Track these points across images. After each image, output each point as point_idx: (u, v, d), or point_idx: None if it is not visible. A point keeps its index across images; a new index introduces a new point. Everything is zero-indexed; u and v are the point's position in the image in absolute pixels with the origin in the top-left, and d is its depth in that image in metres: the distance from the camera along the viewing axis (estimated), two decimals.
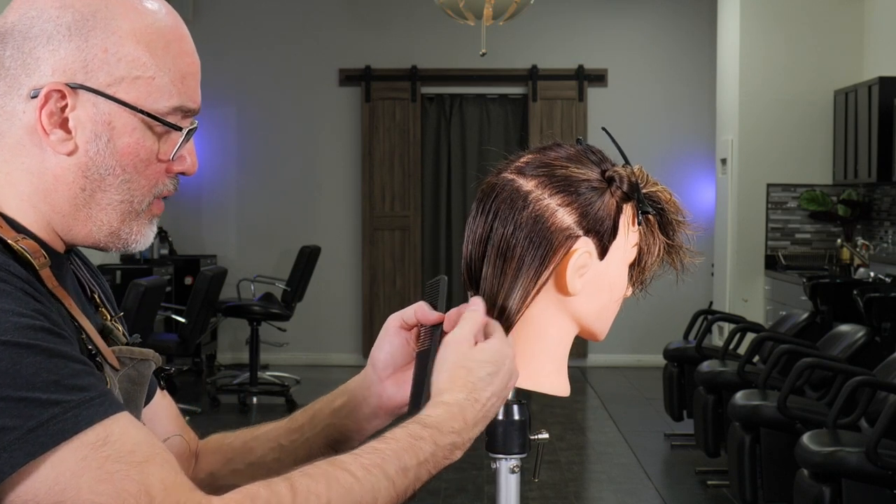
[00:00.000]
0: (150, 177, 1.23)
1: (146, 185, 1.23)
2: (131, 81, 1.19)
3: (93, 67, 1.18)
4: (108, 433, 1.06)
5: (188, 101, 1.23)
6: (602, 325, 1.33)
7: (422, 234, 10.06)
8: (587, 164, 1.29)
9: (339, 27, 9.95)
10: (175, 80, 1.22)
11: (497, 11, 6.42)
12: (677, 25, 9.92)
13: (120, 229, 1.23)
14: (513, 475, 1.30)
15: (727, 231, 8.63)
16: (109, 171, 1.20)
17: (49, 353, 1.06)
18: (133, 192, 1.22)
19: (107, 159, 1.20)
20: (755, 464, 4.87)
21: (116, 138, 1.20)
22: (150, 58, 1.20)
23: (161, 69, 1.21)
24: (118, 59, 1.19)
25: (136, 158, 1.21)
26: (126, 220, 1.23)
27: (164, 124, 1.21)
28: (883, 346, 5.77)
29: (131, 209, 1.23)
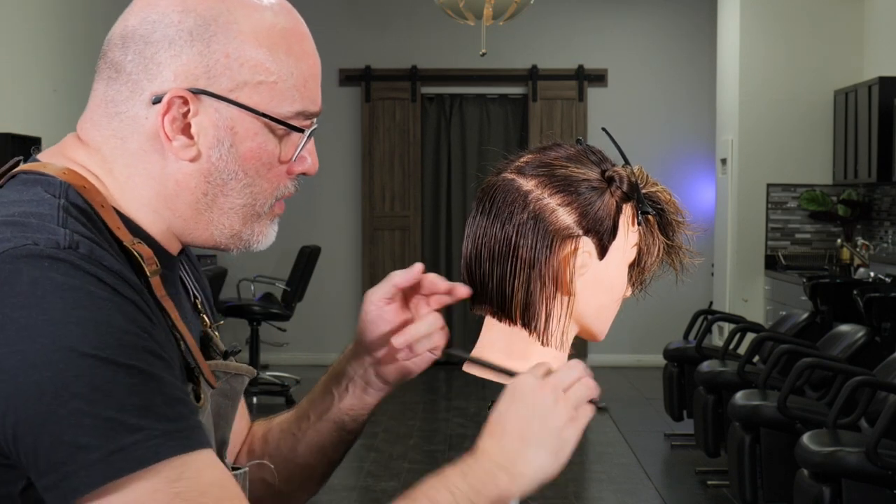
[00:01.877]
0: (273, 180, 1.22)
1: (268, 189, 1.22)
2: (254, 86, 1.18)
3: (215, 73, 1.17)
4: (185, 468, 1.03)
5: (310, 105, 1.23)
6: (601, 325, 1.33)
7: (422, 234, 10.06)
8: (587, 164, 1.29)
9: (339, 27, 9.95)
10: (298, 84, 1.21)
11: (497, 11, 6.43)
12: (677, 25, 9.93)
13: (241, 231, 1.23)
14: None
15: (727, 231, 8.63)
16: (232, 176, 1.19)
17: (147, 377, 1.04)
18: (256, 195, 1.21)
19: (229, 164, 1.19)
20: (755, 464, 4.87)
21: (239, 143, 1.19)
22: (272, 62, 1.19)
23: (284, 73, 1.20)
24: (241, 64, 1.17)
25: (259, 162, 1.20)
26: (248, 222, 1.22)
27: (288, 128, 1.20)
28: (883, 346, 5.77)
29: (253, 212, 1.22)
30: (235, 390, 1.25)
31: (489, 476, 1.18)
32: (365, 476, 6.12)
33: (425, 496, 1.15)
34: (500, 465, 1.18)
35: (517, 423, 1.19)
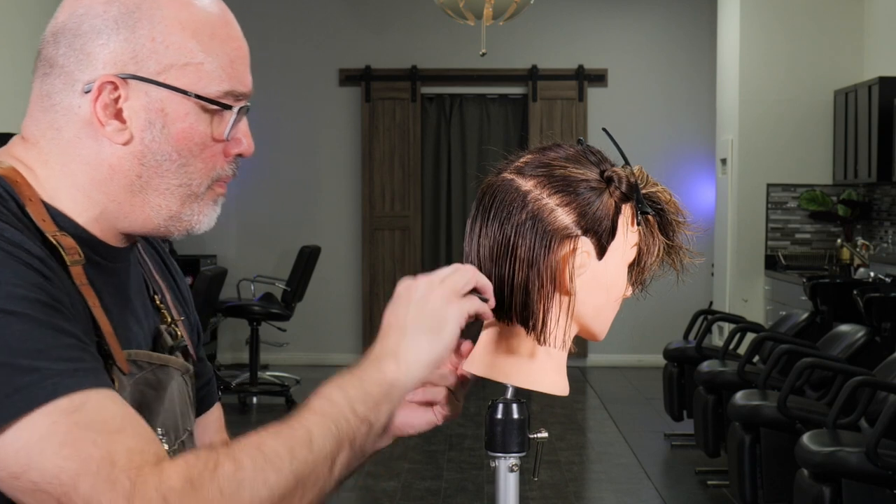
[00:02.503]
0: (207, 160, 1.25)
1: (203, 169, 1.25)
2: (181, 68, 1.23)
3: (142, 57, 1.22)
4: (85, 402, 1.07)
5: (238, 85, 1.26)
6: (601, 324, 1.33)
7: (422, 234, 10.06)
8: (586, 164, 1.29)
9: (339, 27, 9.95)
10: (224, 65, 1.25)
11: (497, 11, 6.43)
12: (677, 25, 9.93)
13: (180, 213, 1.26)
14: (512, 474, 1.30)
15: (727, 231, 8.63)
16: (165, 157, 1.23)
17: (38, 324, 1.08)
18: (191, 175, 1.25)
19: (162, 145, 1.23)
20: (755, 464, 4.87)
21: (170, 124, 1.23)
22: (197, 44, 1.23)
23: (209, 55, 1.24)
24: (166, 47, 1.22)
25: (191, 143, 1.24)
26: (186, 203, 1.26)
27: (215, 104, 1.23)
28: (883, 346, 5.77)
29: (190, 192, 1.25)
30: (162, 382, 1.27)
31: (376, 367, 1.22)
32: (365, 476, 6.12)
33: (321, 395, 1.19)
34: (385, 355, 1.23)
35: (396, 316, 1.25)
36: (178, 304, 1.41)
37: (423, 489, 5.90)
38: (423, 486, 5.97)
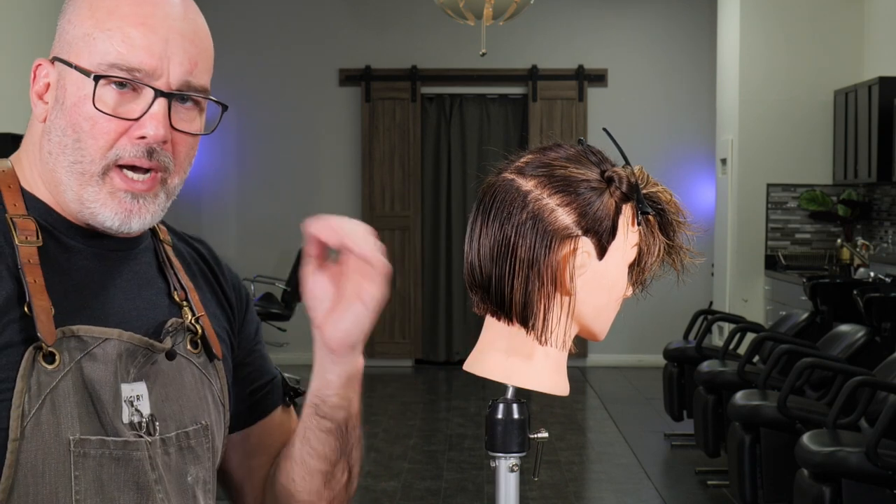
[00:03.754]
0: (98, 136, 1.26)
1: (94, 146, 1.26)
2: (78, 44, 1.27)
3: (63, 39, 1.29)
4: None
5: (131, 60, 1.26)
6: (601, 324, 1.33)
7: (422, 234, 10.06)
8: (587, 164, 1.29)
9: (339, 27, 9.95)
10: (115, 40, 1.26)
11: (497, 11, 6.43)
12: (677, 25, 9.93)
13: (81, 195, 1.27)
14: (512, 474, 1.30)
15: (727, 231, 8.63)
16: (63, 132, 1.27)
17: None
18: (83, 151, 1.26)
19: (60, 120, 1.27)
20: (755, 464, 4.87)
21: (66, 98, 1.27)
22: (94, 21, 1.26)
23: (103, 30, 1.26)
24: (73, 27, 1.28)
25: (80, 116, 1.25)
26: (83, 183, 1.27)
27: (82, 72, 1.25)
28: (883, 346, 5.77)
29: (83, 170, 1.26)
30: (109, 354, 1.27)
31: None
32: (365, 476, 6.12)
33: None
34: None
35: None
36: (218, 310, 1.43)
37: (423, 489, 5.91)
38: (423, 486, 5.97)
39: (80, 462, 1.23)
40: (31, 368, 1.21)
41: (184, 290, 1.39)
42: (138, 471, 1.26)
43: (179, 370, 1.34)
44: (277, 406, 1.50)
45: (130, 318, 1.31)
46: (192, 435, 1.34)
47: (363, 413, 1.41)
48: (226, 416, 1.41)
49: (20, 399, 1.20)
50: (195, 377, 1.36)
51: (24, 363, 1.21)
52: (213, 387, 1.39)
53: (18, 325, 1.22)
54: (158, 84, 1.26)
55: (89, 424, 1.24)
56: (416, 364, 10.08)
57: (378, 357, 9.99)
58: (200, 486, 1.36)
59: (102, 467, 1.24)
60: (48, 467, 1.21)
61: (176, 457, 1.32)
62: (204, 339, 1.38)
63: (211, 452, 1.37)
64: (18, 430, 1.20)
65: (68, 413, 1.23)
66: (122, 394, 1.27)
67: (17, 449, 1.20)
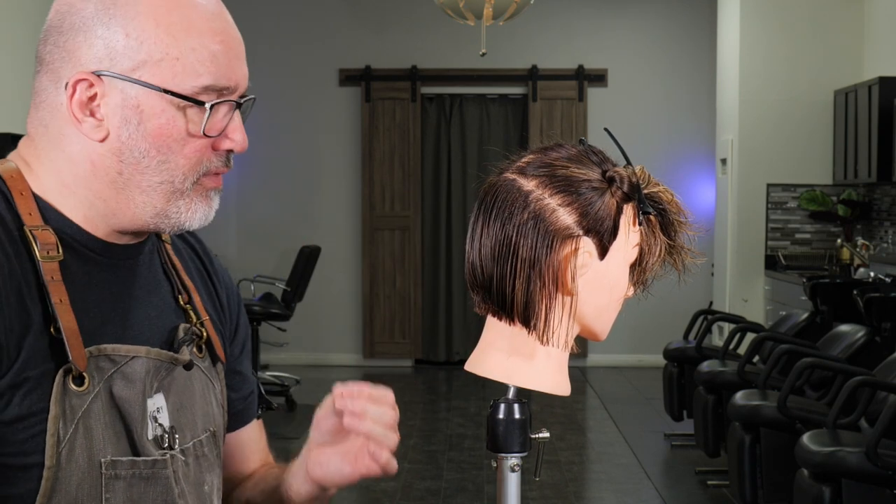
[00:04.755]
0: (189, 156, 1.24)
1: (186, 165, 1.24)
2: (155, 64, 1.21)
3: (116, 53, 1.21)
4: None
5: (221, 79, 1.24)
6: (602, 325, 1.33)
7: (422, 234, 10.06)
8: (588, 164, 1.29)
9: (339, 27, 9.95)
10: (202, 59, 1.23)
11: (497, 11, 6.43)
12: (677, 25, 9.93)
13: (166, 210, 1.25)
14: (513, 474, 1.30)
15: (727, 231, 8.63)
16: (144, 154, 1.23)
17: None
18: (173, 171, 1.24)
19: (139, 142, 1.22)
20: (755, 464, 4.87)
21: (146, 121, 1.22)
22: (171, 38, 1.22)
23: (185, 49, 1.22)
24: (140, 43, 1.21)
25: (169, 139, 1.23)
26: (171, 199, 1.25)
27: (188, 101, 1.22)
28: (883, 346, 5.77)
29: (174, 189, 1.24)
30: (137, 372, 1.26)
31: None
32: None
33: None
34: None
35: None
36: (211, 309, 1.41)
37: (423, 489, 5.90)
38: (423, 486, 5.97)
39: (111, 484, 1.21)
40: (62, 393, 1.19)
41: (187, 292, 1.38)
42: (166, 488, 1.26)
43: (190, 377, 1.34)
44: (253, 419, 1.49)
45: (146, 329, 1.29)
46: (205, 443, 1.34)
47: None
48: (225, 419, 1.41)
49: (55, 426, 1.18)
50: (202, 383, 1.36)
51: (55, 388, 1.18)
52: (215, 390, 1.39)
53: (49, 350, 1.19)
54: (234, 96, 1.27)
55: (118, 445, 1.23)
56: (416, 364, 10.08)
57: (378, 357, 10.00)
58: (216, 494, 1.36)
59: (132, 487, 1.23)
60: (81, 491, 1.20)
61: (194, 467, 1.32)
62: (209, 342, 1.38)
63: (219, 458, 1.37)
64: (54, 458, 1.18)
65: (100, 435, 1.21)
66: (147, 410, 1.27)
67: (53, 476, 1.18)
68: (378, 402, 1.32)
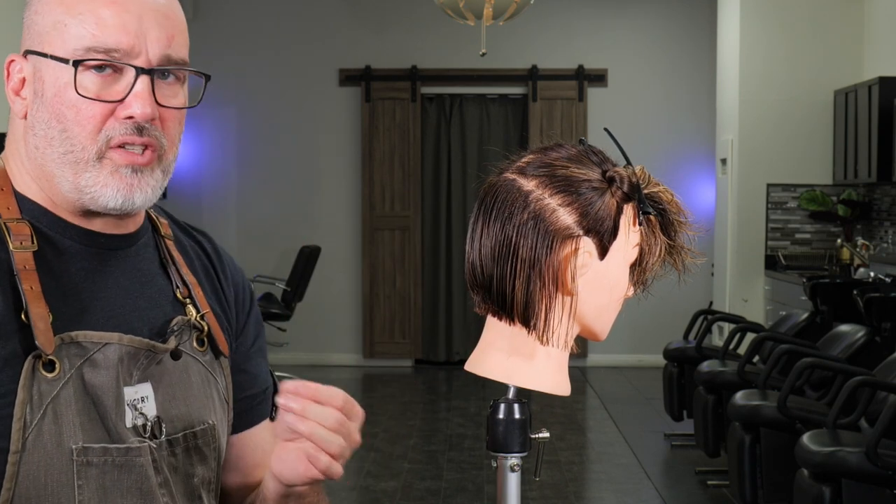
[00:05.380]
0: (84, 123, 1.24)
1: (82, 133, 1.24)
2: (49, 33, 1.25)
3: (32, 31, 1.26)
4: None
5: (106, 41, 1.23)
6: (602, 325, 1.33)
7: (422, 234, 10.06)
8: (588, 164, 1.29)
9: (339, 27, 9.95)
10: (87, 23, 1.23)
11: (497, 11, 6.43)
12: (677, 25, 9.93)
13: (78, 182, 1.25)
14: (513, 474, 1.30)
15: (727, 231, 8.63)
16: (47, 125, 1.24)
17: None
18: (72, 140, 1.24)
19: (42, 113, 1.25)
20: (755, 464, 4.87)
21: (46, 91, 1.24)
22: (64, 7, 1.24)
23: (74, 16, 1.24)
24: (42, 17, 1.25)
25: (62, 105, 1.23)
26: (78, 172, 1.25)
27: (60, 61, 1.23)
28: (883, 346, 5.77)
29: (77, 158, 1.24)
30: (109, 359, 1.25)
31: None
32: (365, 476, 6.12)
33: None
34: None
35: None
36: (216, 305, 1.40)
37: (423, 489, 5.90)
38: (423, 486, 5.97)
39: (83, 471, 1.21)
40: (31, 378, 1.19)
41: (187, 286, 1.37)
42: (141, 476, 1.25)
43: (186, 369, 1.33)
44: (261, 421, 1.46)
45: (132, 319, 1.29)
46: (199, 435, 1.33)
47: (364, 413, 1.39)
48: (229, 415, 1.40)
49: (21, 410, 1.19)
50: (202, 376, 1.35)
51: (24, 373, 1.19)
52: (218, 385, 1.38)
53: (18, 335, 1.20)
54: (138, 62, 1.24)
55: (92, 432, 1.22)
56: (416, 364, 10.08)
57: (378, 357, 9.99)
58: (206, 487, 1.35)
59: (105, 475, 1.23)
60: (50, 478, 1.20)
61: (183, 458, 1.31)
62: (210, 336, 1.37)
63: (216, 452, 1.36)
64: (20, 442, 1.19)
65: (70, 421, 1.21)
66: (124, 398, 1.26)
67: (18, 461, 1.19)
68: (325, 402, 1.27)
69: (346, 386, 8.29)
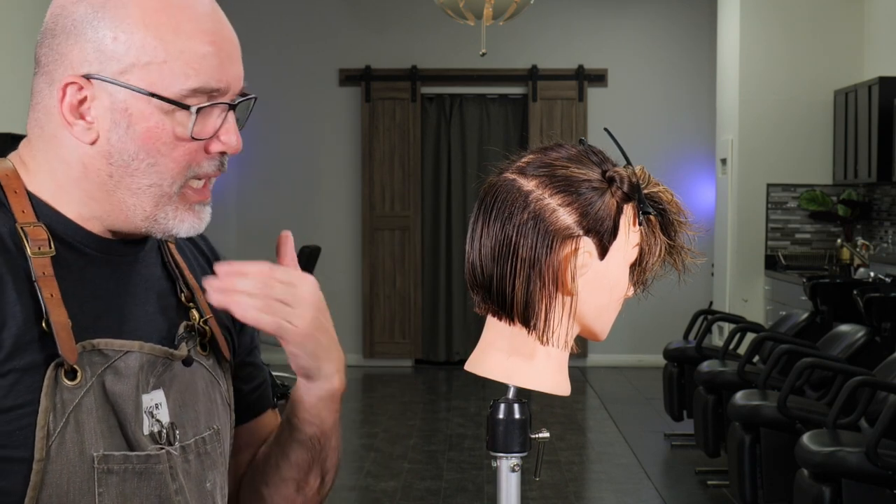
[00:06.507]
0: (179, 159, 1.24)
1: (175, 168, 1.24)
2: (143, 67, 1.22)
3: (105, 57, 1.22)
4: None
5: (210, 82, 1.24)
6: (602, 324, 1.33)
7: (422, 234, 10.06)
8: (588, 164, 1.29)
9: (339, 27, 9.96)
10: (190, 61, 1.23)
11: (497, 11, 6.43)
12: (677, 25, 9.93)
13: (155, 214, 1.26)
14: (513, 474, 1.30)
15: (727, 231, 8.63)
16: (133, 157, 1.23)
17: None
18: (162, 175, 1.24)
19: (128, 145, 1.23)
20: (755, 464, 4.87)
21: (135, 124, 1.22)
22: (159, 41, 1.22)
23: (172, 52, 1.22)
24: (128, 47, 1.21)
25: (158, 142, 1.23)
26: (160, 204, 1.25)
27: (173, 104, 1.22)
28: (883, 346, 5.77)
29: (162, 192, 1.25)
30: (131, 367, 1.25)
31: None
32: (365, 476, 6.12)
33: None
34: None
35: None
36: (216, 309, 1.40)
37: (423, 489, 5.90)
38: (423, 486, 5.97)
39: (103, 478, 1.21)
40: (53, 387, 1.19)
41: (190, 290, 1.38)
42: (160, 484, 1.25)
43: (192, 375, 1.34)
44: (268, 407, 1.50)
45: (144, 325, 1.29)
46: (208, 440, 1.34)
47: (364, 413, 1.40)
48: (232, 417, 1.41)
49: (45, 419, 1.18)
50: (206, 381, 1.36)
51: (46, 381, 1.19)
52: (221, 388, 1.38)
53: (38, 344, 1.19)
54: (227, 98, 1.27)
55: (111, 439, 1.23)
56: (416, 364, 10.08)
57: (378, 357, 10.00)
58: (218, 492, 1.36)
59: (125, 482, 1.23)
60: (72, 486, 1.20)
61: (195, 464, 1.31)
62: (213, 341, 1.37)
63: (223, 457, 1.37)
64: (44, 451, 1.18)
65: (91, 429, 1.21)
66: (143, 405, 1.26)
67: (42, 470, 1.18)
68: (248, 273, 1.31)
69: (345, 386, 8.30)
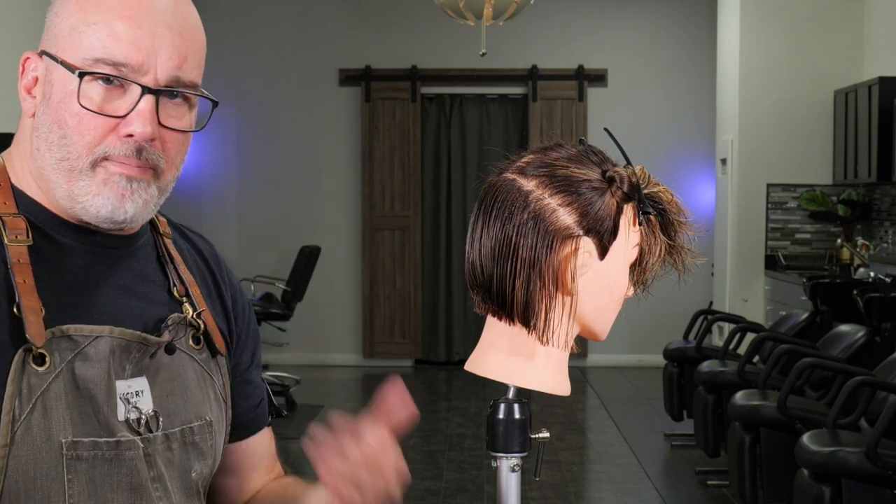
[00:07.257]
0: (83, 132, 1.23)
1: (80, 142, 1.23)
2: (64, 38, 1.24)
3: (50, 33, 1.26)
4: None
5: (115, 54, 1.22)
6: (602, 325, 1.33)
7: (422, 234, 10.06)
8: (588, 164, 1.29)
9: (339, 27, 9.95)
10: (100, 34, 1.23)
11: (497, 11, 6.43)
12: (677, 25, 9.93)
13: (71, 190, 1.25)
14: (513, 474, 1.30)
15: (727, 231, 8.63)
16: (49, 129, 1.24)
17: None
18: (69, 148, 1.23)
19: (47, 117, 1.25)
20: (755, 464, 4.87)
21: (53, 95, 1.24)
22: (81, 14, 1.24)
23: (87, 22, 1.23)
24: (61, 20, 1.25)
25: (66, 113, 1.23)
26: (72, 179, 1.24)
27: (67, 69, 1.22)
28: (883, 346, 5.77)
29: (71, 167, 1.24)
30: (101, 352, 1.25)
31: None
32: None
33: None
34: None
35: None
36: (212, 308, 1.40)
37: (423, 489, 5.90)
38: (423, 486, 5.97)
39: (72, 465, 1.21)
40: (21, 371, 1.19)
41: (184, 285, 1.37)
42: (131, 470, 1.24)
43: (182, 365, 1.33)
44: (264, 426, 1.49)
45: (126, 316, 1.28)
46: (196, 431, 1.33)
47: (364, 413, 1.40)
48: (227, 413, 1.40)
49: (10, 403, 1.18)
50: (197, 373, 1.35)
51: (14, 366, 1.19)
52: (215, 383, 1.38)
53: (8, 327, 1.20)
54: (146, 80, 1.23)
55: (82, 426, 1.22)
56: (416, 364, 10.08)
57: (378, 357, 9.99)
58: (203, 483, 1.35)
59: (95, 469, 1.22)
60: (39, 472, 1.19)
61: (179, 453, 1.31)
62: (206, 334, 1.37)
63: (214, 450, 1.37)
64: (8, 436, 1.18)
65: (60, 415, 1.21)
66: (116, 391, 1.25)
67: (7, 455, 1.18)
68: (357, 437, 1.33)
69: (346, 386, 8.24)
